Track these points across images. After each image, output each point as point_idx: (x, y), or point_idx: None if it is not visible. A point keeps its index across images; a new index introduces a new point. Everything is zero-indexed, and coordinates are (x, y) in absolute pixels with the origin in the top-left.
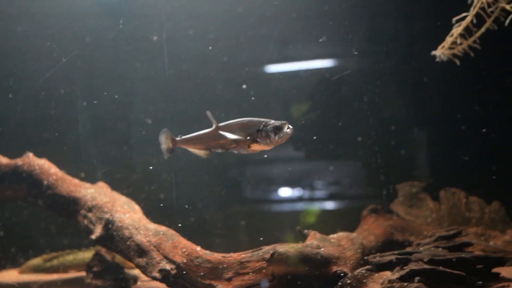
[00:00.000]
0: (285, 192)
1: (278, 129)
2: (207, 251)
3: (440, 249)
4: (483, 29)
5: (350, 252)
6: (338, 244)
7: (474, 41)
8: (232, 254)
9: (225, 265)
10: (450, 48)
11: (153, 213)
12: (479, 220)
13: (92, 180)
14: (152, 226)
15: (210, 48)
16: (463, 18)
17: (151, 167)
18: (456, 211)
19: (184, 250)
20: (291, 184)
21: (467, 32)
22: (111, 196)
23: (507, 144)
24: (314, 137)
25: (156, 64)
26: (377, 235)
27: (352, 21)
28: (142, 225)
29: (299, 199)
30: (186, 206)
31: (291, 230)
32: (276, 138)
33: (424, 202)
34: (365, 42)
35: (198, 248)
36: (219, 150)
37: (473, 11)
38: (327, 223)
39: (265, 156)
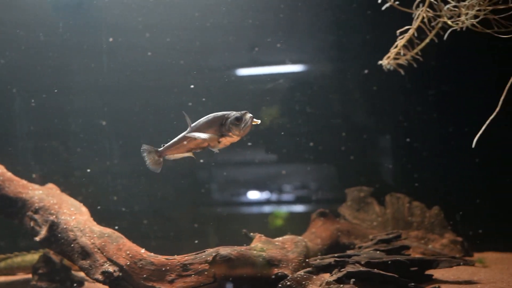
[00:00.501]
0: (236, 195)
1: (238, 120)
2: (151, 254)
3: (378, 252)
4: (425, 42)
5: (293, 254)
6: (282, 247)
7: (417, 53)
8: (176, 257)
9: (168, 268)
10: (395, 58)
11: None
12: (420, 224)
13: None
14: (98, 228)
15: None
16: (406, 31)
17: (88, 170)
18: (399, 215)
19: (128, 252)
20: (244, 187)
21: (410, 44)
22: (59, 198)
23: (449, 152)
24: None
25: (116, 69)
26: (323, 238)
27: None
28: (87, 227)
29: (249, 203)
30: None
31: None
32: (239, 128)
33: (371, 206)
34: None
35: (143, 250)
36: (199, 150)
37: (414, 25)
38: (279, 226)
39: (201, 160)
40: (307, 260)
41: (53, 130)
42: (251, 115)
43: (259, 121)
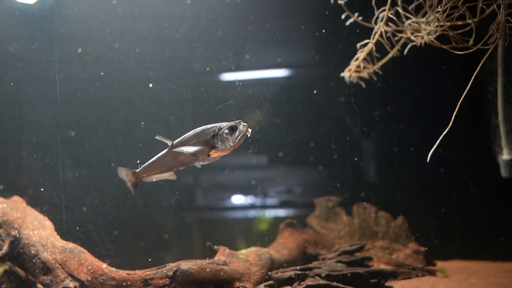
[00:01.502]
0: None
1: (233, 129)
2: (113, 269)
3: (339, 264)
4: (388, 57)
5: (256, 267)
6: (245, 260)
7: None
8: (137, 272)
9: (129, 282)
10: (356, 71)
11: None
12: (385, 234)
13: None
14: (60, 243)
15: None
16: (366, 45)
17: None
18: (366, 225)
19: (89, 267)
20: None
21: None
22: (23, 212)
23: (415, 161)
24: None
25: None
26: (290, 249)
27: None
28: (50, 243)
29: (211, 208)
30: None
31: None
32: (233, 138)
33: (339, 216)
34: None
35: (104, 265)
36: (182, 168)
37: (373, 39)
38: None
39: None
40: (269, 273)
41: (18, 140)
42: (246, 124)
43: (250, 131)
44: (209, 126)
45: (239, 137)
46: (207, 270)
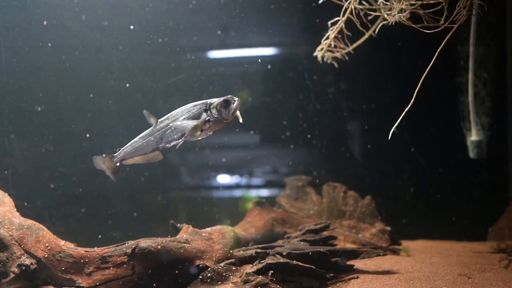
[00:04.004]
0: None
1: (227, 103)
2: (72, 246)
3: (302, 243)
4: (363, 38)
5: (219, 246)
6: (208, 238)
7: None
8: (95, 249)
9: (87, 260)
10: (328, 50)
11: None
12: (352, 213)
13: None
14: (17, 220)
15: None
16: (336, 23)
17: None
18: (334, 204)
19: (47, 244)
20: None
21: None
22: None
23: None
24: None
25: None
26: (257, 227)
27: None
28: (7, 219)
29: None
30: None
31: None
32: (227, 112)
33: (309, 196)
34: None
35: (62, 242)
36: (168, 146)
37: (343, 17)
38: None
39: None
40: (231, 251)
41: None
42: (238, 98)
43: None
44: (198, 102)
45: (232, 111)
46: (167, 248)
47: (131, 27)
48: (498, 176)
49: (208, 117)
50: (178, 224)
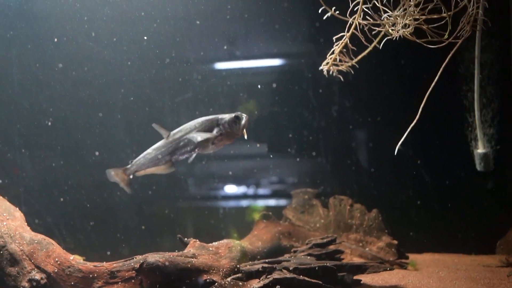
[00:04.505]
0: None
1: (238, 119)
2: (81, 260)
3: (309, 257)
4: (366, 51)
5: (226, 260)
6: (215, 252)
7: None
8: (104, 264)
9: (95, 275)
10: (334, 64)
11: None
12: (359, 227)
13: None
14: (28, 235)
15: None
16: (341, 38)
17: None
18: (341, 217)
19: (57, 259)
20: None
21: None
22: None
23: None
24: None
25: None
26: (264, 241)
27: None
28: (18, 234)
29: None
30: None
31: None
32: (237, 127)
33: (315, 209)
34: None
35: (72, 257)
36: (181, 158)
37: (347, 33)
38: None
39: None
40: (238, 265)
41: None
42: (246, 115)
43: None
44: (210, 117)
45: (242, 127)
46: (175, 262)
47: (144, 37)
48: (505, 188)
49: (220, 131)
50: (185, 239)
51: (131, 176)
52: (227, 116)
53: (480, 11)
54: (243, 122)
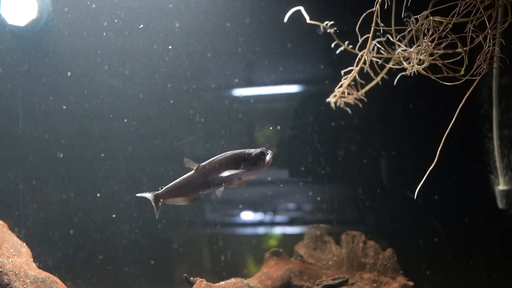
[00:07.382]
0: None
1: (263, 155)
2: None
3: None
4: (370, 85)
5: None
6: None
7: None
8: None
9: None
10: (341, 97)
11: None
12: (372, 266)
13: None
14: (32, 272)
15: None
16: (350, 71)
17: None
18: (354, 255)
19: None
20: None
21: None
22: (2, 237)
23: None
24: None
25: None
26: (274, 279)
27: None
28: (23, 271)
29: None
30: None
31: None
32: (263, 163)
33: (327, 245)
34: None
35: None
36: (207, 191)
37: (356, 67)
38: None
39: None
40: None
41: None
42: (270, 151)
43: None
44: (237, 151)
45: (268, 162)
46: None
47: (160, 71)
48: None
49: (247, 167)
50: (192, 278)
51: (160, 201)
52: (253, 151)
53: (497, 48)
54: (268, 158)
